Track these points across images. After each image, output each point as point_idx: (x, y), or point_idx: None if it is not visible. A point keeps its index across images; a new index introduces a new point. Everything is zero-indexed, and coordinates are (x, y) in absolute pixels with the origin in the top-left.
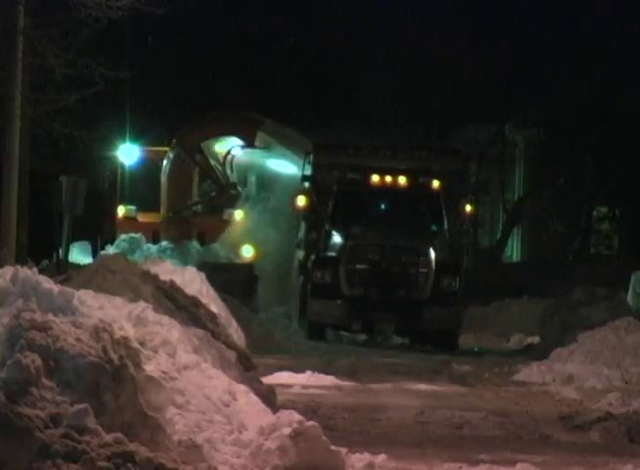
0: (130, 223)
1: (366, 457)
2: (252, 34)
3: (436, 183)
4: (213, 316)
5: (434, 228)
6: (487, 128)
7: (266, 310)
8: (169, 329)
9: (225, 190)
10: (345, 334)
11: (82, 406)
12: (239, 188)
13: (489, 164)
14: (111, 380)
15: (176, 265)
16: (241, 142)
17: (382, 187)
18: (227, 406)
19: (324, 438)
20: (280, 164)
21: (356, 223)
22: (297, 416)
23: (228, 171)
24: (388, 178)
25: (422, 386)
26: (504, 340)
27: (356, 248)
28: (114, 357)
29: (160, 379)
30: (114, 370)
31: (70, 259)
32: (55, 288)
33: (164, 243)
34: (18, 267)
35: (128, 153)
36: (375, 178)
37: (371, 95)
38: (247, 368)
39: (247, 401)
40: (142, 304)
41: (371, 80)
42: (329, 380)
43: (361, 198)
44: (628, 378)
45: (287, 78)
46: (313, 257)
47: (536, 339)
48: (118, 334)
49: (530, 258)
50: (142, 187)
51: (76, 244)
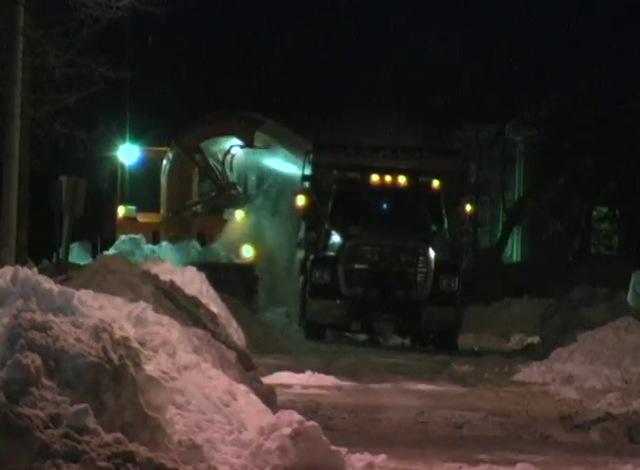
0: (130, 223)
1: (366, 457)
2: (253, 34)
3: (436, 183)
4: (213, 316)
5: (434, 228)
6: (487, 128)
7: (266, 310)
8: (169, 329)
9: (225, 190)
10: (347, 334)
11: (82, 406)
12: (238, 188)
13: (489, 165)
14: (111, 380)
15: (176, 265)
16: (240, 142)
17: (382, 187)
18: (227, 406)
19: (324, 438)
20: (279, 164)
21: (356, 223)
22: (297, 416)
23: (227, 171)
24: (387, 178)
25: (422, 386)
26: (504, 340)
27: (355, 248)
28: (114, 357)
29: (160, 379)
30: (114, 370)
31: (70, 259)
32: (55, 288)
33: (164, 243)
34: (18, 267)
35: (128, 153)
36: (375, 178)
37: (371, 95)
38: (247, 368)
39: (247, 401)
40: (142, 304)
41: (371, 80)
42: (329, 380)
43: (361, 198)
44: (628, 378)
45: (287, 78)
46: (312, 256)
47: (536, 339)
48: (118, 334)
49: (530, 258)
50: (142, 187)
51: (76, 244)
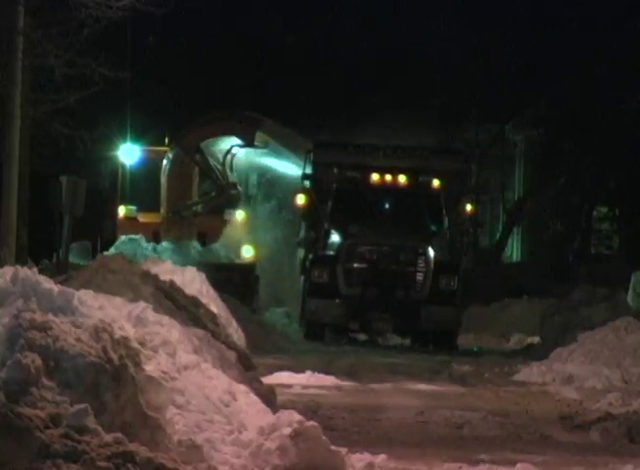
0: (131, 223)
1: (366, 457)
2: (253, 34)
3: (437, 182)
4: (213, 316)
5: (434, 228)
6: (487, 128)
7: (266, 310)
8: (169, 329)
9: (225, 190)
10: (350, 334)
11: (82, 406)
12: (239, 188)
13: (489, 165)
14: (111, 380)
15: (176, 265)
16: (240, 142)
17: (382, 186)
18: (227, 406)
19: (324, 438)
20: (280, 164)
21: (355, 222)
22: (297, 416)
23: (228, 171)
24: (387, 177)
25: (422, 386)
26: (504, 340)
27: (355, 247)
28: (114, 357)
29: (160, 379)
30: (114, 370)
31: (70, 259)
32: (55, 288)
33: (165, 243)
34: (18, 267)
35: (129, 153)
36: (375, 177)
37: (371, 95)
38: (247, 368)
39: (247, 401)
40: (142, 304)
41: (371, 80)
42: (329, 380)
43: (361, 197)
44: (628, 378)
45: (287, 78)
46: (311, 256)
47: (536, 339)
48: (118, 334)
49: (530, 259)
50: (142, 187)
51: (76, 244)
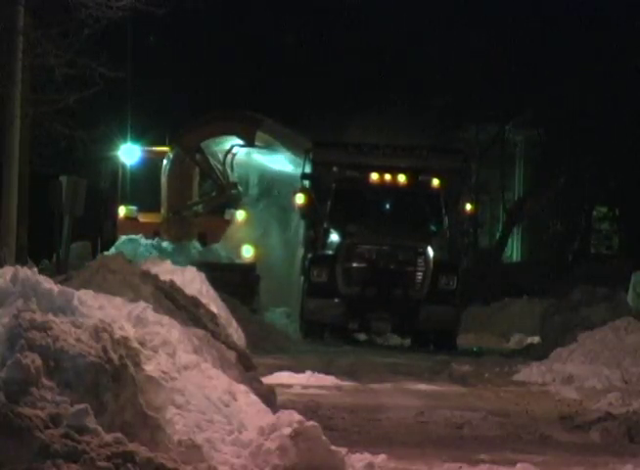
0: (131, 224)
1: (366, 457)
2: (253, 34)
3: (436, 182)
4: (213, 316)
5: (434, 227)
6: (487, 128)
7: (266, 310)
8: (169, 329)
9: (225, 190)
10: (353, 334)
11: (82, 406)
12: (239, 188)
13: (489, 165)
14: (111, 380)
15: (176, 265)
16: (241, 141)
17: (381, 185)
18: (227, 406)
19: (324, 438)
20: (281, 164)
21: (355, 222)
22: (297, 416)
23: (228, 171)
24: (387, 177)
25: (422, 386)
26: (504, 340)
27: (353, 246)
28: (114, 357)
29: (160, 379)
30: (114, 370)
31: (70, 259)
32: (55, 288)
33: (165, 243)
34: (18, 267)
35: (129, 153)
36: (374, 176)
37: (372, 94)
38: (247, 368)
39: (247, 401)
40: (142, 304)
41: (372, 80)
42: (329, 380)
43: (360, 196)
44: (628, 378)
45: (287, 78)
46: (310, 255)
47: (536, 339)
48: (118, 334)
49: (530, 259)
50: (143, 187)
51: (76, 244)
